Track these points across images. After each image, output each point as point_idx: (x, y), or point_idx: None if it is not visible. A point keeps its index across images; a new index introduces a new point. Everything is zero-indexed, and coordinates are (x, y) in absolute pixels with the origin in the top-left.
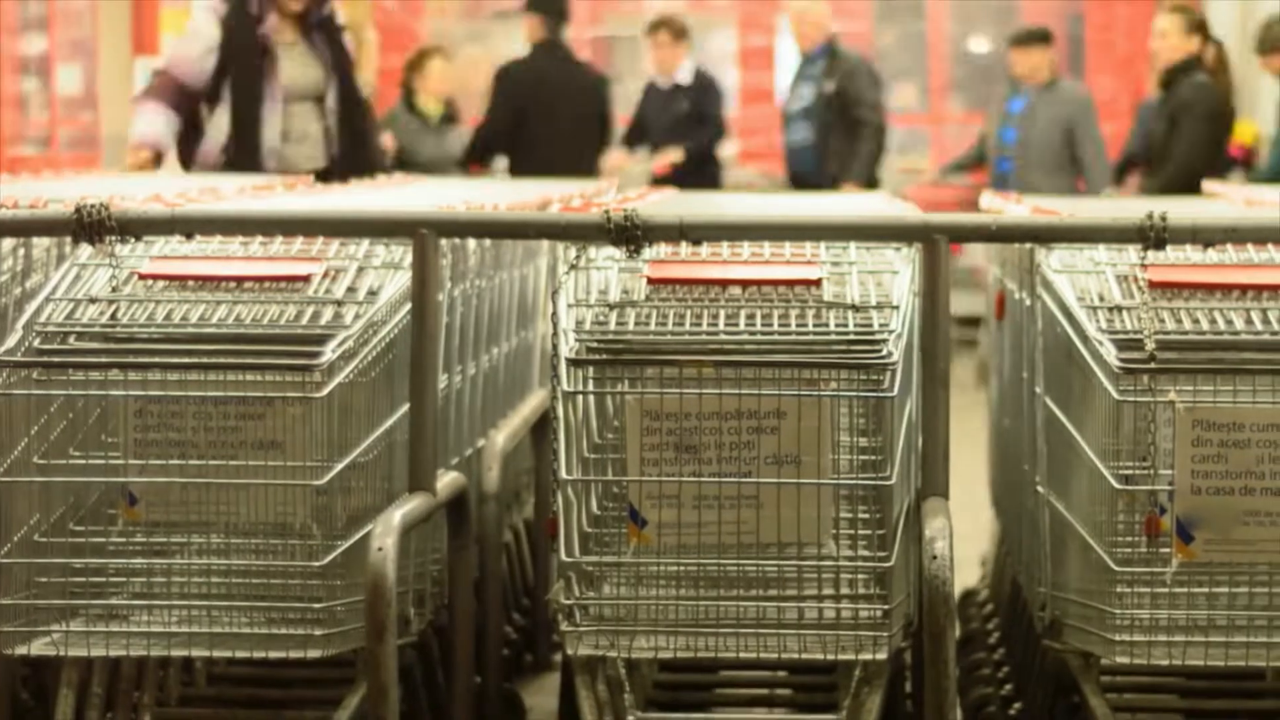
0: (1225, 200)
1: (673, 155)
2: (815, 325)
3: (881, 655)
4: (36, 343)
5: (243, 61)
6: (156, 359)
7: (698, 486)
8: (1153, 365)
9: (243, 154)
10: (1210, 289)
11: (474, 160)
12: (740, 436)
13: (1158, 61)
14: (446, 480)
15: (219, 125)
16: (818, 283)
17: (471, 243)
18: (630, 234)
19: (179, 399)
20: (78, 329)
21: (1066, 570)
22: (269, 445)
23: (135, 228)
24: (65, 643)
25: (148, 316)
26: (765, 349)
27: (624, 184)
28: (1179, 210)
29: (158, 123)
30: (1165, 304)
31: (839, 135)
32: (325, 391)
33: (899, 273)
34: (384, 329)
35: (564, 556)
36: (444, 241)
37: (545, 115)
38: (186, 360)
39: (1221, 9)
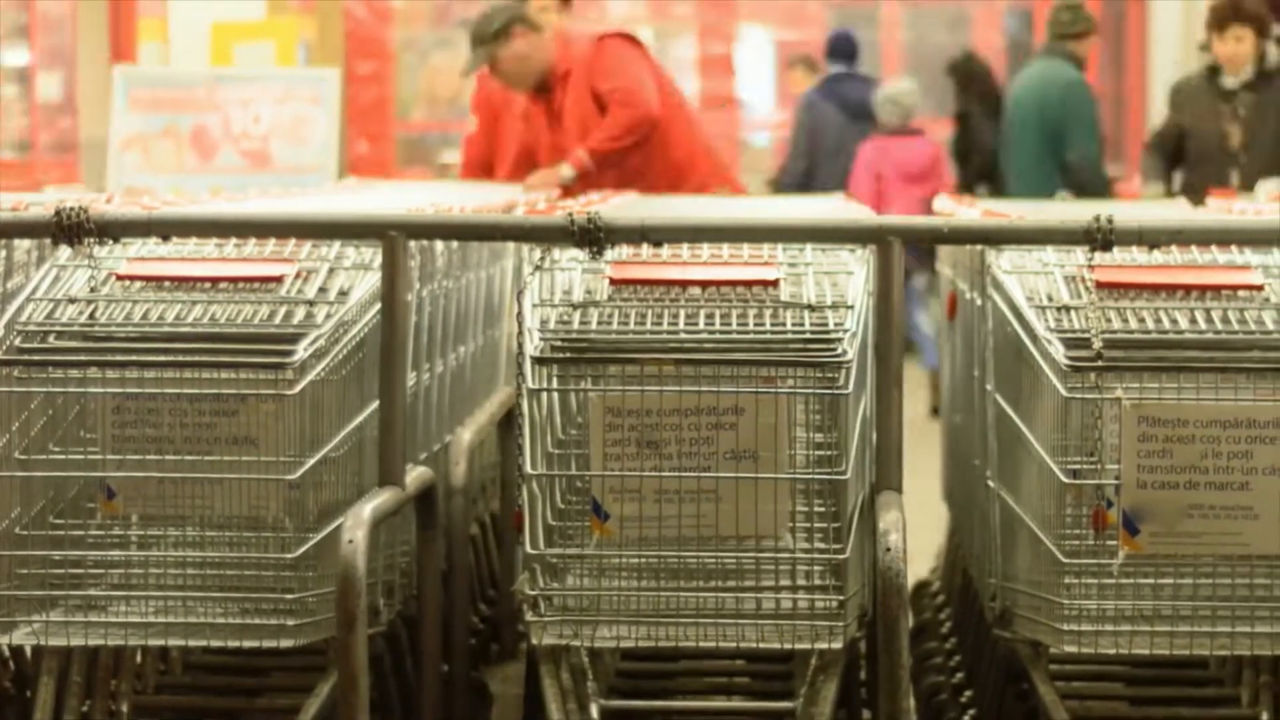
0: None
1: None
2: (773, 324)
3: (837, 644)
4: (17, 341)
5: None
6: (134, 357)
7: (659, 481)
8: (1100, 363)
9: None
10: (1155, 289)
11: None
12: (700, 432)
13: None
14: (415, 475)
15: None
16: (775, 283)
17: (439, 244)
18: (593, 236)
19: (155, 396)
20: (57, 328)
21: (1016, 562)
22: (243, 441)
23: (113, 230)
24: (45, 632)
25: (125, 316)
26: (724, 347)
27: None
28: (1125, 213)
29: None
30: (1112, 304)
31: None
32: (297, 389)
33: (854, 273)
34: (354, 328)
35: (529, 549)
36: (413, 243)
37: None
38: (163, 358)
39: None
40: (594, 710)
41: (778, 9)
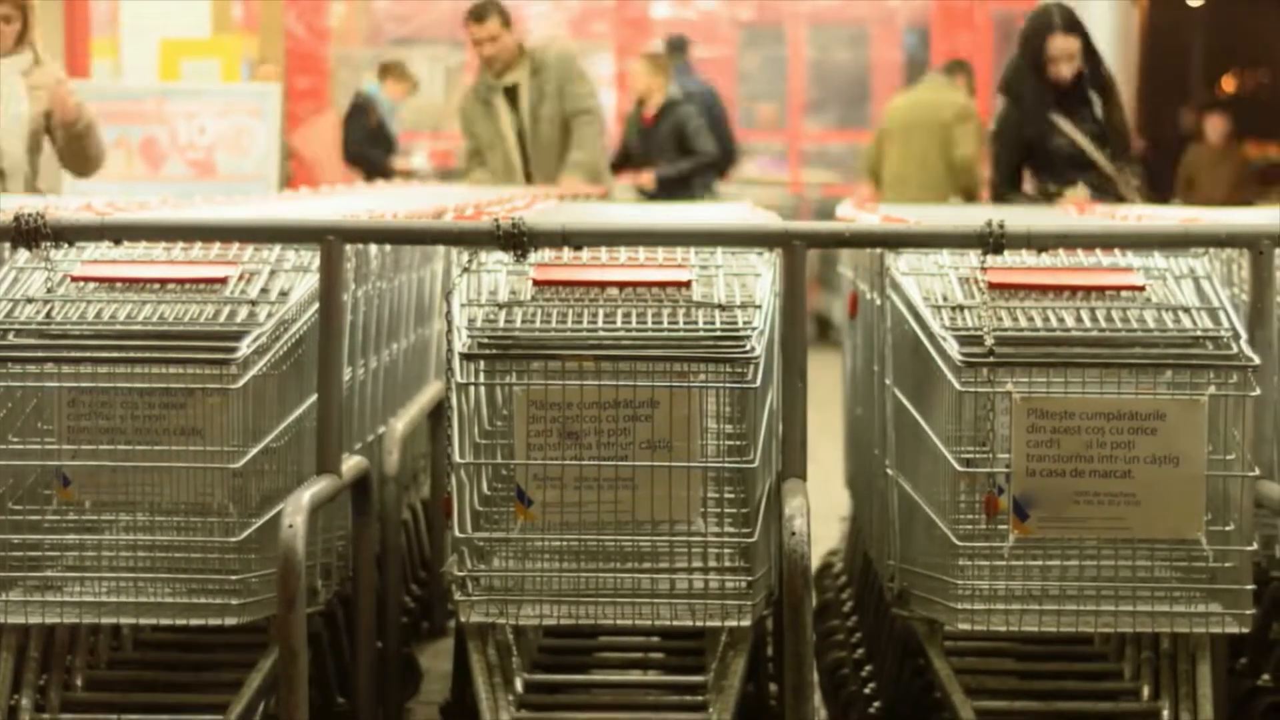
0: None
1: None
2: (685, 323)
3: (745, 622)
4: None
5: None
6: (88, 354)
7: (579, 469)
8: (991, 359)
9: None
10: (1044, 290)
11: None
12: (618, 424)
13: None
14: (351, 464)
15: None
16: (688, 284)
17: (374, 248)
18: (517, 240)
19: (108, 390)
20: (15, 326)
21: (913, 545)
22: (190, 432)
23: (68, 234)
24: (4, 611)
25: (80, 315)
26: (640, 344)
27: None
28: (1016, 218)
29: None
30: (1003, 303)
31: None
32: (241, 383)
33: (761, 275)
34: (294, 326)
35: (457, 533)
36: (349, 246)
37: None
38: (115, 355)
39: None
40: (518, 684)
41: (691, 28)
